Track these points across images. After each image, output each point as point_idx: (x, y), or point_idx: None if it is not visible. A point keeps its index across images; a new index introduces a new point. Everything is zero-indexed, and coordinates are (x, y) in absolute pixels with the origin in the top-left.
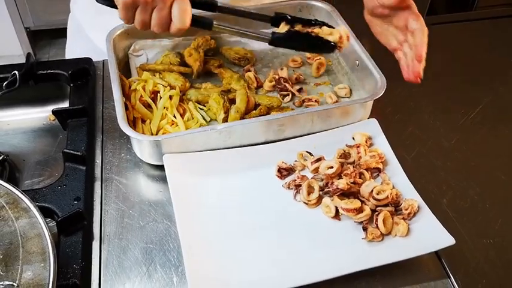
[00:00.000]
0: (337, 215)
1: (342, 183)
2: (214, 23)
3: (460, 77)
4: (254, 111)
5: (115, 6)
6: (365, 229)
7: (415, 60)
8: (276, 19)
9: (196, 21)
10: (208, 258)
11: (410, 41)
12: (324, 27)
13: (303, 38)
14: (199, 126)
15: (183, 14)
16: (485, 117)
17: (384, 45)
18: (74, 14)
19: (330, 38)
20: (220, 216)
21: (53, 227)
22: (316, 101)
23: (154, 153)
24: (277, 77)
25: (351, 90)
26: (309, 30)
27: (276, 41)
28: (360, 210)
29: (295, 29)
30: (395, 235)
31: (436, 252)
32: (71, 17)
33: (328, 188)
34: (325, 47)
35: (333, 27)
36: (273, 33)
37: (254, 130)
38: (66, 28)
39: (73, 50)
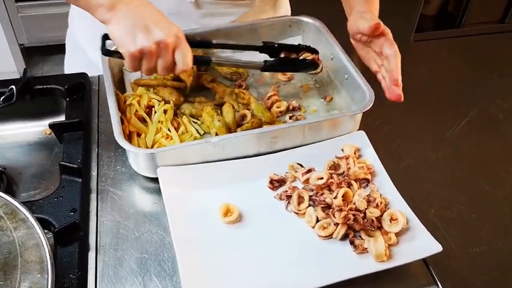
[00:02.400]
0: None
1: (329, 198)
2: (213, 59)
3: (447, 91)
4: (247, 124)
5: (122, 57)
6: (352, 242)
7: (392, 85)
8: (264, 48)
9: (196, 60)
10: (202, 268)
11: (386, 66)
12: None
13: (290, 62)
14: (194, 140)
15: (185, 58)
16: (471, 130)
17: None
18: (72, 29)
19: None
20: (214, 227)
21: (50, 238)
22: None
23: (150, 166)
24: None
25: None
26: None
27: (268, 67)
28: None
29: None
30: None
31: (424, 260)
32: (69, 32)
33: (316, 197)
34: (310, 65)
35: (316, 51)
36: (265, 61)
37: (247, 142)
38: (59, 45)
39: (71, 64)
